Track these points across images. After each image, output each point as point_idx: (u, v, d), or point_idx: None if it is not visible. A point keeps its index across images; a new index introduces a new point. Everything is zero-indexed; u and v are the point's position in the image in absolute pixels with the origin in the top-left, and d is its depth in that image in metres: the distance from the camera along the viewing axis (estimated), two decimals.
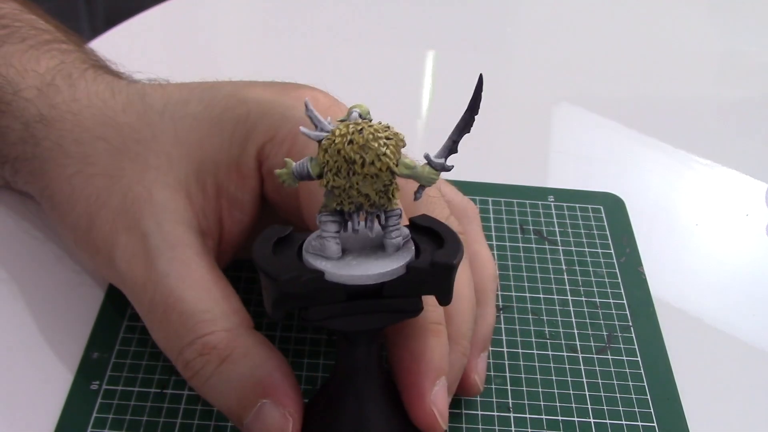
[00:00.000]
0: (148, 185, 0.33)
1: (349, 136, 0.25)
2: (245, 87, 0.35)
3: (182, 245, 0.32)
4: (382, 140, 0.25)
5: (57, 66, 0.37)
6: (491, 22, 0.65)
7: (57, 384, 0.35)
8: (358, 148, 0.25)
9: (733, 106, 0.58)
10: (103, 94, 0.36)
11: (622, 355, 0.37)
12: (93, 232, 0.33)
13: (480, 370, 0.34)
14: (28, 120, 0.36)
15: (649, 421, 0.35)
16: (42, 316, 0.38)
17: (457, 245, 0.27)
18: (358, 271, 0.26)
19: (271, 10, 0.66)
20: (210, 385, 0.30)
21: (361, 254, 0.27)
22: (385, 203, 0.26)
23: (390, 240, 0.27)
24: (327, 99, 0.35)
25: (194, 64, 0.57)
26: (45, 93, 0.36)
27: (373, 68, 0.58)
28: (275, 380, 0.29)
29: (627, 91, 0.58)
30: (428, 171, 0.26)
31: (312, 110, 0.26)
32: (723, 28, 0.68)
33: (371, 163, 0.25)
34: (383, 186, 0.26)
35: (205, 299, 0.31)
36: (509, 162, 0.50)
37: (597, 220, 0.44)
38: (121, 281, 0.33)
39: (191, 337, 0.30)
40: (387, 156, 0.25)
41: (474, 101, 0.26)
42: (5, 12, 0.41)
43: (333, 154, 0.25)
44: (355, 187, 0.26)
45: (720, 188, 0.49)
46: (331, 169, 0.26)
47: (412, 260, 0.27)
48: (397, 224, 0.27)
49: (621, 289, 0.41)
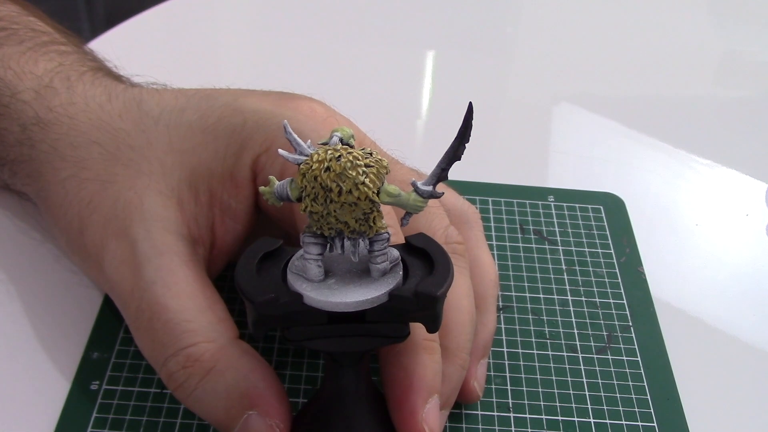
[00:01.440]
0: (139, 192, 0.33)
1: (326, 163, 0.24)
2: (242, 96, 0.35)
3: (170, 253, 0.32)
4: (361, 168, 0.24)
5: (55, 68, 0.37)
6: (491, 22, 0.65)
7: (57, 384, 0.35)
8: (335, 176, 0.24)
9: (733, 106, 0.58)
10: (100, 99, 0.36)
11: (622, 355, 0.37)
12: (84, 237, 0.33)
13: (479, 377, 0.34)
14: (26, 122, 0.36)
15: (649, 421, 0.35)
16: (42, 317, 0.38)
17: (446, 273, 0.26)
18: (337, 297, 0.25)
19: (271, 10, 0.66)
20: (194, 397, 0.30)
21: (344, 277, 0.26)
22: (366, 230, 0.25)
23: (375, 265, 0.26)
24: (324, 110, 0.35)
25: (194, 65, 0.57)
26: (42, 95, 0.36)
27: (373, 68, 0.58)
28: (260, 391, 0.29)
29: (627, 91, 0.58)
30: (414, 198, 0.25)
31: (290, 133, 0.25)
32: (723, 28, 0.68)
33: (348, 191, 0.24)
34: (363, 214, 0.25)
35: (190, 308, 0.31)
36: (509, 162, 0.50)
37: (597, 220, 0.44)
38: (109, 287, 0.33)
39: (174, 348, 0.30)
40: (365, 185, 0.24)
41: (464, 129, 0.25)
42: (3, 14, 0.41)
43: (310, 180, 0.25)
44: (333, 214, 0.25)
45: (720, 188, 0.49)
46: (309, 195, 0.25)
47: (398, 286, 0.26)
48: (384, 249, 0.26)
49: (621, 289, 0.41)
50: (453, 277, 0.26)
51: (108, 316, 0.37)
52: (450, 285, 0.26)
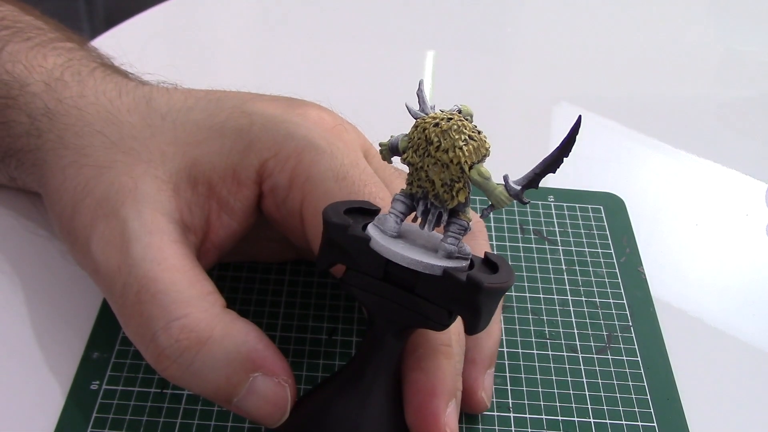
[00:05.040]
0: (135, 177, 0.33)
1: (438, 120, 0.26)
2: (251, 100, 0.35)
3: (160, 232, 0.31)
4: (465, 135, 0.26)
5: (65, 63, 0.38)
6: (491, 22, 0.65)
7: (57, 384, 0.35)
8: (439, 132, 0.26)
9: (733, 106, 0.58)
10: (110, 94, 0.36)
11: (622, 355, 0.37)
12: (74, 221, 0.33)
13: (487, 387, 0.34)
14: (34, 113, 0.36)
15: (649, 421, 0.35)
16: (42, 317, 0.38)
17: (505, 277, 0.27)
18: (399, 249, 0.27)
19: (271, 10, 0.66)
20: (193, 370, 0.29)
21: (414, 244, 0.27)
22: (447, 199, 0.27)
23: (444, 243, 0.27)
24: (332, 118, 0.35)
25: (194, 64, 0.57)
26: (53, 87, 0.36)
27: (373, 68, 0.58)
28: (262, 352, 0.29)
29: (627, 91, 0.58)
30: (500, 191, 0.26)
31: (422, 91, 0.28)
32: (723, 28, 0.68)
33: (445, 150, 0.26)
34: (450, 179, 0.26)
35: (181, 281, 0.30)
36: (509, 162, 0.49)
37: (597, 220, 0.44)
38: (95, 269, 0.32)
39: (166, 320, 0.29)
40: (462, 150, 0.26)
41: (567, 142, 0.25)
42: (5, 14, 0.41)
43: (419, 131, 0.26)
44: (425, 169, 0.26)
45: (720, 188, 0.49)
46: (413, 146, 0.27)
47: (455, 269, 0.27)
48: (458, 233, 0.27)
49: (621, 289, 0.41)
50: (510, 285, 0.27)
51: (108, 316, 0.37)
52: (504, 289, 0.27)
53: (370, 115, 0.39)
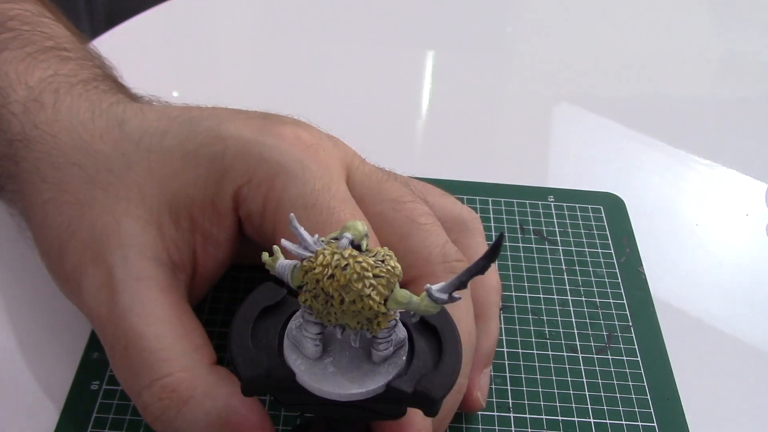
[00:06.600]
0: (117, 216, 0.32)
1: (331, 270, 0.22)
2: (226, 121, 0.34)
3: (147, 279, 0.31)
4: (368, 280, 0.22)
5: (48, 78, 0.37)
6: (491, 22, 0.65)
7: (57, 384, 0.35)
8: (338, 286, 0.22)
9: (733, 106, 0.58)
10: (83, 116, 0.35)
11: (622, 355, 0.37)
12: (63, 262, 0.33)
13: (483, 387, 0.33)
14: (12, 138, 0.35)
15: (649, 421, 0.35)
16: (42, 316, 0.38)
17: (452, 369, 0.25)
18: (330, 385, 0.24)
19: (271, 10, 0.66)
20: (175, 427, 0.29)
21: (342, 358, 0.25)
22: (370, 330, 0.24)
23: (377, 351, 0.25)
24: (309, 135, 0.34)
25: (194, 65, 0.57)
26: (29, 110, 0.36)
27: (373, 68, 0.58)
28: (241, 417, 0.29)
29: (627, 91, 0.58)
30: (426, 304, 0.23)
31: (296, 227, 0.24)
32: (723, 28, 0.68)
33: (352, 302, 0.23)
34: (366, 319, 0.23)
35: (166, 335, 0.30)
36: (509, 162, 0.50)
37: (597, 220, 0.44)
38: (88, 312, 0.32)
39: (149, 379, 0.29)
40: (371, 298, 0.23)
41: (492, 252, 0.22)
42: (15, 14, 0.40)
43: (311, 281, 0.23)
44: (334, 316, 0.23)
45: (720, 188, 0.49)
46: (310, 292, 0.23)
47: (399, 375, 0.24)
48: (388, 337, 0.24)
49: (621, 289, 0.41)
50: (459, 373, 0.25)
51: None
52: (453, 385, 0.25)
53: (370, 116, 0.39)
